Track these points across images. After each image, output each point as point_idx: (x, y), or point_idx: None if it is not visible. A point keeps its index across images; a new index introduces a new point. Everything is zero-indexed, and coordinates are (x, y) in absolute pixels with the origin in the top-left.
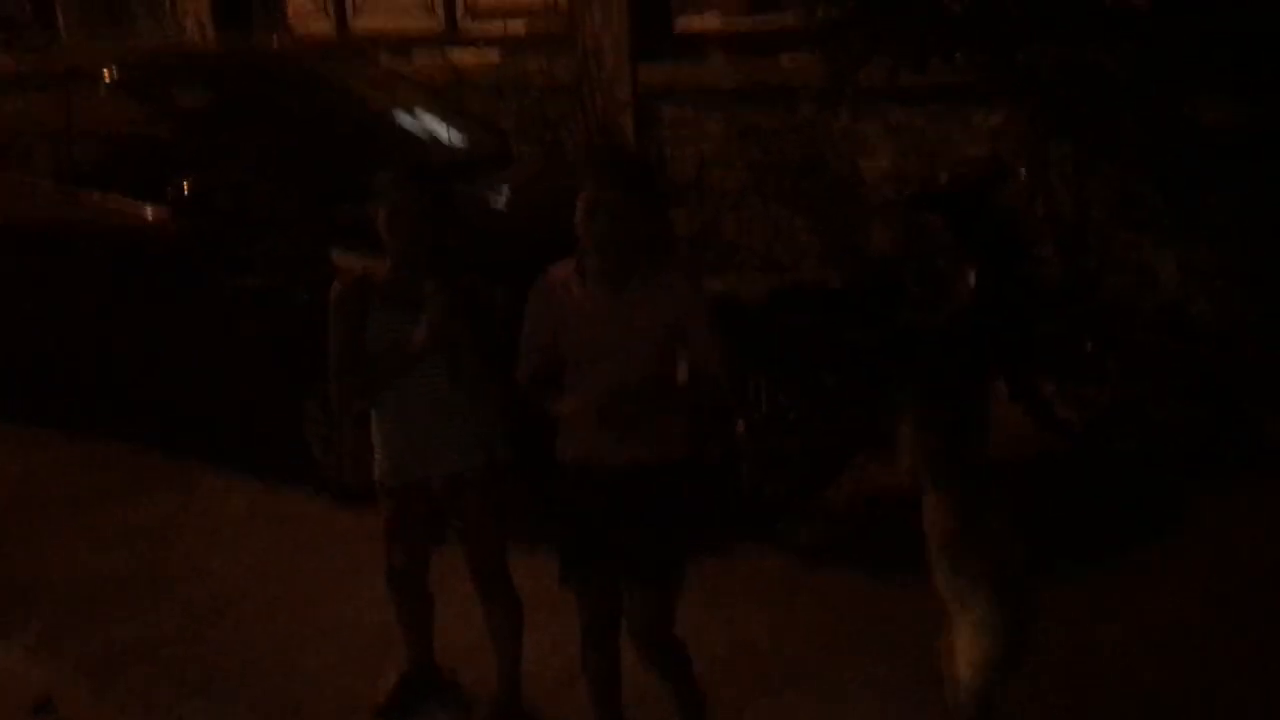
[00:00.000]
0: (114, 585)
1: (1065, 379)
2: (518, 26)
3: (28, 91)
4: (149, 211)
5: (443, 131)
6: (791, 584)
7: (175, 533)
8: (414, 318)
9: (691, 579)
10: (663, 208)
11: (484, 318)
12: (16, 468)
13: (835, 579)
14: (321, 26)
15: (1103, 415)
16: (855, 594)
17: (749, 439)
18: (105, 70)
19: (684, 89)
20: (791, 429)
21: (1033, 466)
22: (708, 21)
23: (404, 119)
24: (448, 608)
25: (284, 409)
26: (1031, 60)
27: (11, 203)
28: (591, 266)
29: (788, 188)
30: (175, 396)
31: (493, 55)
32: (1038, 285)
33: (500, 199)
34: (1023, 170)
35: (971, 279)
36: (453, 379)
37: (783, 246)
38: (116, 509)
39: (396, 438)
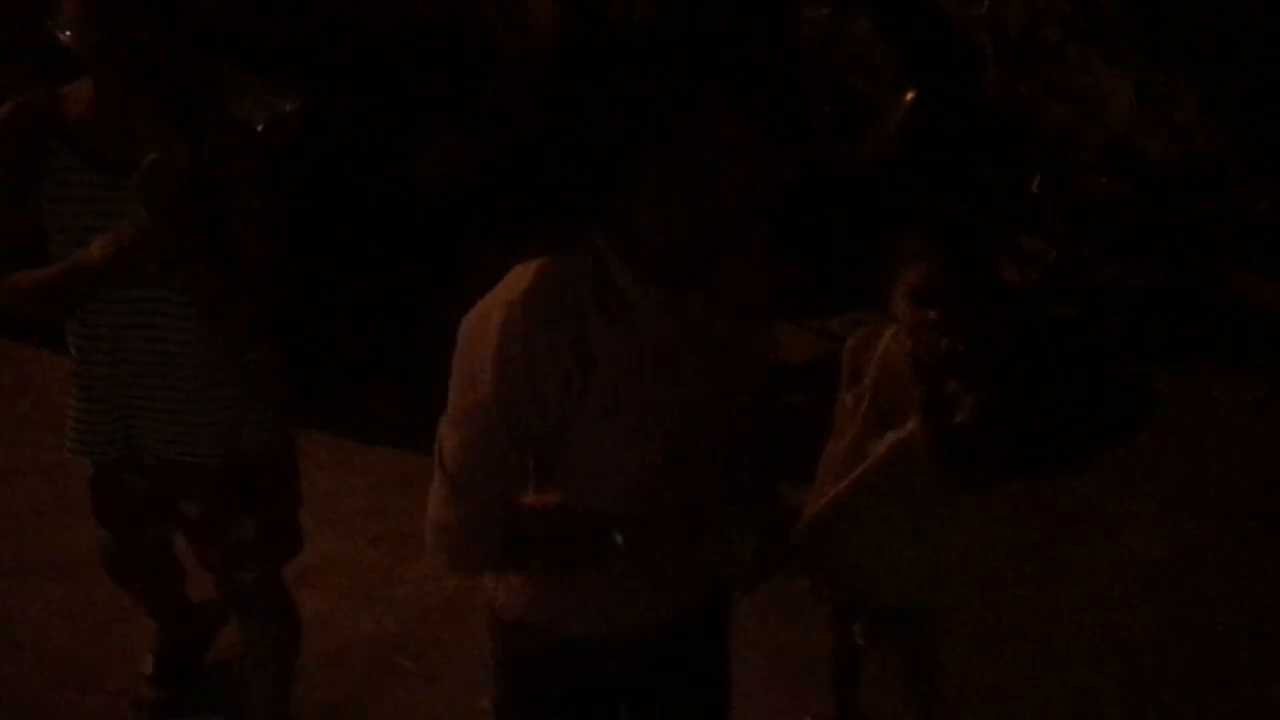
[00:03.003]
0: None
1: (1007, 228)
2: None
3: None
4: None
5: None
6: None
7: None
8: (117, 181)
9: None
10: None
11: (253, 216)
12: None
13: None
14: None
15: (1049, 275)
16: None
17: None
18: None
19: None
20: None
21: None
22: None
23: None
24: None
25: None
26: None
27: None
28: (662, 257)
29: None
30: None
31: None
32: (981, 113)
33: None
34: None
35: (906, 104)
36: (199, 321)
37: None
38: None
39: (96, 393)
